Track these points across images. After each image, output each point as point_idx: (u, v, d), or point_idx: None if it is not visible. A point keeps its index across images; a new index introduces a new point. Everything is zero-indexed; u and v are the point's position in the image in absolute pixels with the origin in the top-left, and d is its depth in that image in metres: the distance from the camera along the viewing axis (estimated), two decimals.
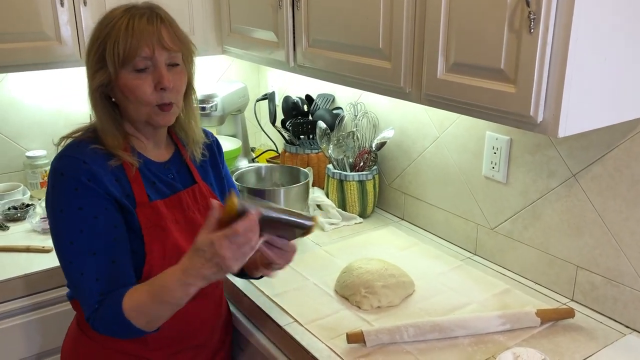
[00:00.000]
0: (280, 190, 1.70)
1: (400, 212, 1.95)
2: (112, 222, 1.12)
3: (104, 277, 1.10)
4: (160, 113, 1.15)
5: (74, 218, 1.10)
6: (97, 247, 1.10)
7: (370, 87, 1.47)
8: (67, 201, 1.11)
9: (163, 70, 1.12)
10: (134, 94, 1.13)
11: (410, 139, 1.85)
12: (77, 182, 1.10)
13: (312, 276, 1.57)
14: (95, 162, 1.13)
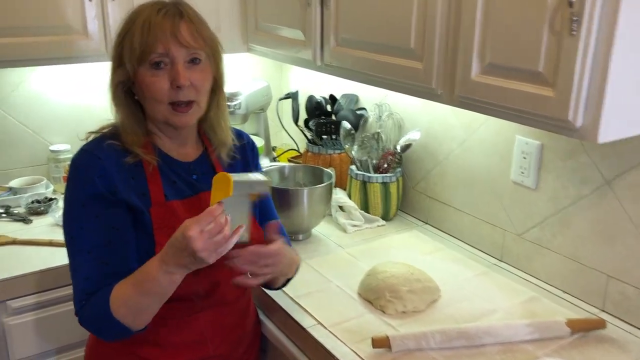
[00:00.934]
0: (303, 191, 1.68)
1: (423, 216, 1.92)
2: (112, 223, 1.11)
3: (92, 277, 1.09)
4: (176, 114, 1.13)
5: (77, 214, 1.11)
6: (92, 246, 1.10)
7: (399, 87, 1.44)
8: (74, 196, 1.12)
9: (180, 67, 1.10)
10: (150, 91, 1.11)
11: (436, 141, 1.82)
12: (86, 179, 1.10)
13: (335, 278, 1.55)
14: (111, 158, 1.12)
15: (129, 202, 1.12)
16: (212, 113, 1.23)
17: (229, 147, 1.28)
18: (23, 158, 2.07)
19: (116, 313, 1.04)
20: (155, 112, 1.14)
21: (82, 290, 1.09)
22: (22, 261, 1.62)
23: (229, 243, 0.98)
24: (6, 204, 1.91)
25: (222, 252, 0.98)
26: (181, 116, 1.14)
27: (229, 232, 0.98)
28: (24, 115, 2.04)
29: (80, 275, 1.10)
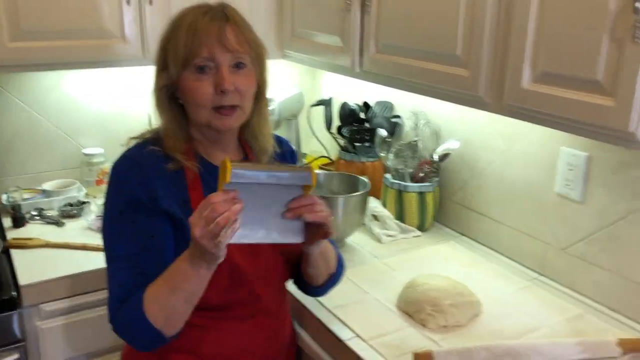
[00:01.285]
0: (338, 199, 1.65)
1: (460, 227, 1.88)
2: (150, 231, 1.09)
3: (127, 284, 1.07)
4: (219, 117, 1.11)
5: (115, 220, 1.09)
6: (129, 253, 1.08)
7: (443, 95, 1.41)
8: (113, 202, 1.10)
9: (224, 71, 1.08)
10: (193, 96, 1.09)
11: (475, 151, 1.78)
12: (125, 185, 1.09)
13: (372, 290, 1.51)
14: (152, 165, 1.11)
15: (169, 210, 1.10)
16: (255, 119, 1.21)
17: (270, 154, 1.25)
18: (56, 161, 2.07)
19: (148, 312, 1.02)
20: (199, 117, 1.12)
21: (116, 298, 1.08)
22: (55, 264, 1.61)
23: (227, 231, 0.91)
24: (39, 206, 1.91)
25: (221, 241, 0.91)
26: (224, 119, 1.11)
27: (227, 220, 0.90)
28: (58, 119, 2.04)
29: (115, 282, 1.09)
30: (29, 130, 2.00)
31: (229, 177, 0.92)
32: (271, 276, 1.21)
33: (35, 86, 1.98)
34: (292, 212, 1.00)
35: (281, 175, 0.98)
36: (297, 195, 1.01)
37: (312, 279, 1.23)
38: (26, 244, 1.70)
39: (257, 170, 0.96)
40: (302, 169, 1.00)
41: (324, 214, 1.03)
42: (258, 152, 1.24)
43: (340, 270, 1.28)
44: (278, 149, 1.28)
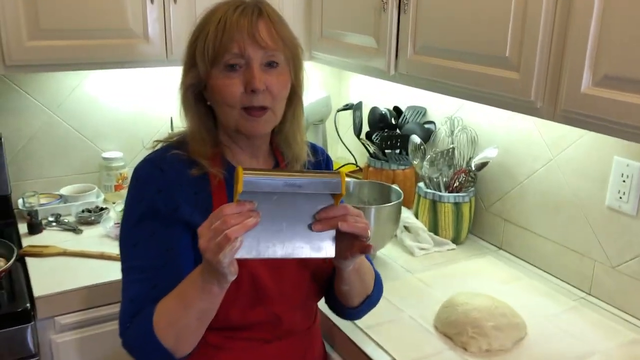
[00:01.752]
0: (370, 209, 1.55)
1: (497, 240, 1.77)
2: (168, 243, 1.00)
3: (139, 299, 0.99)
4: (248, 118, 1.01)
5: (132, 229, 1.02)
6: (144, 266, 1.00)
7: (489, 99, 1.30)
8: (131, 210, 1.03)
9: (255, 69, 0.99)
10: (221, 95, 1.00)
11: (516, 160, 1.67)
12: (145, 192, 1.01)
13: (407, 308, 1.41)
14: (174, 170, 1.02)
15: (190, 220, 1.01)
16: (288, 124, 1.12)
17: (303, 163, 1.16)
18: (74, 165, 2.00)
19: (157, 329, 0.94)
20: (227, 118, 1.03)
21: (127, 312, 1.00)
22: (73, 274, 1.53)
23: (233, 245, 0.80)
24: (56, 212, 1.85)
25: (226, 256, 0.81)
26: (253, 121, 1.02)
27: (237, 233, 0.81)
28: (77, 121, 1.97)
29: (128, 296, 1.00)
30: (47, 132, 1.94)
31: (241, 187, 0.83)
32: (297, 295, 1.11)
33: (54, 87, 1.91)
34: (322, 224, 0.89)
35: (304, 182, 0.86)
36: (326, 205, 0.90)
37: (346, 298, 1.12)
38: (42, 252, 1.62)
39: (275, 177, 0.86)
40: (330, 175, 0.88)
41: (361, 224, 0.92)
42: (291, 160, 1.15)
43: (379, 291, 1.18)
44: (312, 157, 1.18)
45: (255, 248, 0.86)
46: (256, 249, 0.86)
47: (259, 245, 0.86)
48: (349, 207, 0.91)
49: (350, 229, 0.90)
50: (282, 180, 0.85)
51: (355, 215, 0.91)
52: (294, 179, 0.86)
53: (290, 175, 0.87)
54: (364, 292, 1.13)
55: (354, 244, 0.94)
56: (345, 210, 0.90)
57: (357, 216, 0.92)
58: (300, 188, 0.86)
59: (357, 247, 0.93)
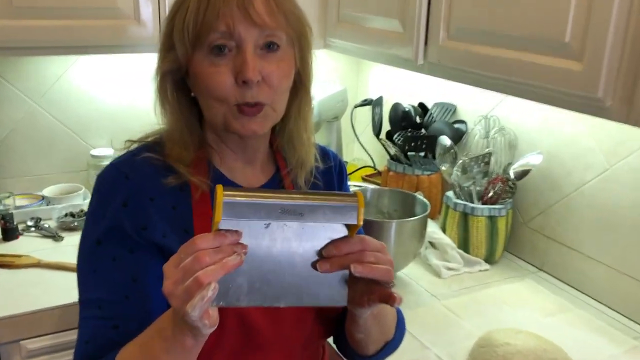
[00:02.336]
0: (391, 224, 1.32)
1: (538, 261, 1.52)
2: (133, 272, 0.79)
3: (96, 341, 0.78)
4: (239, 117, 0.79)
5: (90, 251, 0.81)
6: (102, 299, 0.78)
7: (540, 96, 1.06)
8: (92, 227, 0.81)
9: (247, 54, 0.76)
10: (206, 87, 0.78)
11: (564, 168, 1.42)
12: (107, 205, 0.80)
13: (432, 344, 1.18)
14: (145, 178, 0.81)
15: (163, 243, 0.80)
16: (292, 122, 0.89)
17: (309, 170, 0.93)
18: (60, 162, 1.79)
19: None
20: (214, 115, 0.81)
21: (81, 357, 0.79)
22: (45, 290, 1.33)
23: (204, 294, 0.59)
24: (37, 215, 1.64)
25: (195, 309, 0.59)
26: (247, 121, 0.80)
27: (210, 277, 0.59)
28: (62, 113, 1.77)
29: (83, 337, 0.80)
30: (29, 125, 1.73)
31: (220, 214, 0.61)
32: (298, 338, 0.88)
33: (36, 75, 1.71)
34: (330, 264, 0.67)
35: (308, 208, 0.64)
36: (337, 237, 0.68)
37: (361, 347, 0.89)
38: (13, 262, 1.42)
39: (268, 200, 0.63)
40: (343, 199, 0.66)
41: (383, 267, 0.69)
42: (295, 166, 0.92)
43: (401, 333, 0.94)
44: (322, 163, 0.96)
45: (239, 294, 0.64)
46: (241, 296, 0.64)
47: (245, 291, 0.64)
48: (368, 241, 0.69)
49: (367, 274, 0.67)
50: (277, 205, 0.63)
51: (376, 251, 0.69)
52: (294, 204, 0.64)
53: (289, 198, 0.64)
54: (383, 338, 0.90)
55: (373, 290, 0.71)
56: (363, 244, 0.68)
57: (378, 252, 0.69)
58: (302, 217, 0.64)
59: (378, 294, 0.71)
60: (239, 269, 0.62)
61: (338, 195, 0.67)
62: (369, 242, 0.69)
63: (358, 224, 0.66)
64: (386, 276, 0.69)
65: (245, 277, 0.64)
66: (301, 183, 0.93)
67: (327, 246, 0.67)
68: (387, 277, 0.69)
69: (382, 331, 0.88)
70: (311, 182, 0.94)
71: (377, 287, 0.70)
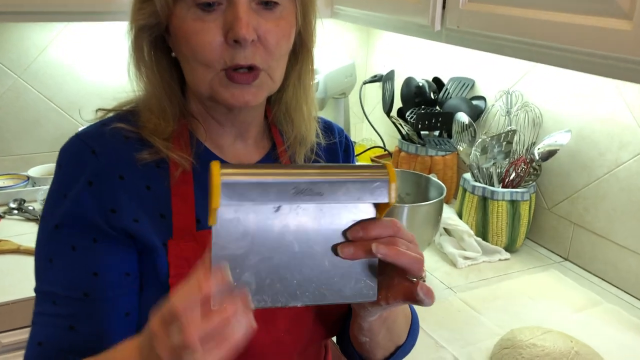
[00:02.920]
0: (403, 209, 1.19)
1: (563, 249, 1.39)
2: (94, 265, 0.67)
3: (49, 344, 0.66)
4: (228, 85, 0.66)
5: (48, 237, 0.69)
6: (58, 295, 0.68)
7: (577, 63, 0.92)
8: (50, 209, 0.69)
9: (240, 8, 0.63)
10: (190, 47, 0.65)
11: (595, 148, 1.28)
12: (69, 184, 0.67)
13: (448, 343, 1.05)
14: (114, 153, 0.69)
15: (135, 230, 0.68)
16: (290, 90, 0.77)
17: (310, 147, 0.80)
18: (46, 141, 1.68)
19: None
20: (198, 80, 0.68)
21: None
22: (23, 279, 1.21)
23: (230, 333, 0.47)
24: (20, 196, 1.53)
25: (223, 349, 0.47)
26: (238, 90, 0.67)
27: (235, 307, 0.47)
28: (49, 88, 1.64)
29: (35, 337, 0.68)
30: (13, 100, 1.61)
31: (217, 199, 0.49)
32: (293, 344, 0.76)
33: (19, 46, 1.58)
34: (355, 248, 0.55)
35: (328, 185, 0.52)
36: (363, 218, 0.55)
37: (365, 351, 0.76)
38: None
39: (278, 178, 0.51)
40: (371, 172, 0.54)
41: (413, 255, 0.56)
42: (292, 142, 0.79)
43: (414, 337, 0.81)
44: (323, 140, 0.83)
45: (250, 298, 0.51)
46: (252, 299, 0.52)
47: (253, 290, 0.53)
48: (400, 226, 0.57)
49: (393, 257, 0.55)
50: (290, 183, 0.51)
51: (407, 240, 0.57)
52: (310, 181, 0.52)
53: (304, 174, 0.52)
54: (392, 344, 0.77)
55: (396, 284, 0.59)
56: (393, 229, 0.56)
57: (409, 242, 0.57)
58: (321, 197, 0.52)
59: (402, 289, 0.58)
60: (245, 263, 0.51)
61: (363, 168, 0.55)
62: (401, 228, 0.57)
63: (390, 203, 0.54)
64: (417, 265, 0.56)
65: (253, 272, 0.52)
66: (300, 162, 0.80)
67: (353, 227, 0.55)
68: (417, 267, 0.56)
69: (391, 336, 0.75)
70: (312, 161, 0.81)
71: (402, 280, 0.58)
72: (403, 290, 0.58)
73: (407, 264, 0.55)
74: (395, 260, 0.55)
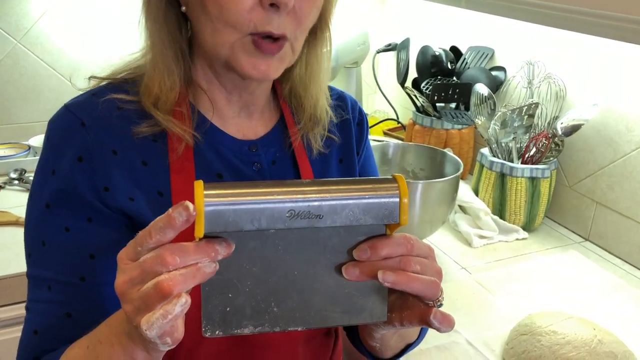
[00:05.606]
0: (417, 185, 1.13)
1: (584, 229, 1.33)
2: (90, 247, 0.62)
3: (46, 334, 0.63)
4: (253, 53, 0.60)
5: (39, 218, 0.64)
6: (53, 280, 0.63)
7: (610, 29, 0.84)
8: (39, 187, 0.64)
9: None
10: (218, 5, 0.58)
11: (622, 123, 1.21)
12: (58, 159, 0.62)
13: (463, 327, 1.00)
14: (108, 126, 0.63)
15: (129, 209, 0.62)
16: (304, 65, 0.71)
17: (323, 126, 0.74)
18: (47, 109, 1.62)
19: None
20: (217, 44, 0.61)
21: (28, 351, 0.64)
22: (20, 252, 1.15)
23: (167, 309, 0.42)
24: (21, 166, 1.49)
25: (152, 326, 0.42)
26: (261, 60, 0.60)
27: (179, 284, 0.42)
28: (50, 54, 1.58)
29: (31, 324, 0.64)
30: (12, 67, 1.56)
31: (201, 228, 0.43)
32: (302, 336, 0.72)
33: (17, 9, 1.52)
34: (359, 270, 0.49)
35: (328, 207, 0.46)
36: (370, 234, 0.49)
37: (375, 351, 0.71)
38: None
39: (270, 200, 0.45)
40: (378, 188, 0.48)
41: (427, 279, 0.50)
42: (307, 122, 0.73)
43: (424, 333, 0.76)
44: (335, 117, 0.76)
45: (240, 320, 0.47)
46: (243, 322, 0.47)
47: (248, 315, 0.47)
48: (413, 243, 0.50)
49: (404, 285, 0.49)
50: (284, 207, 0.45)
51: (422, 257, 0.51)
52: (307, 203, 0.45)
53: (300, 192, 0.46)
54: (404, 344, 0.72)
55: (411, 306, 0.53)
56: (406, 247, 0.50)
57: (425, 258, 0.51)
58: (321, 220, 0.46)
59: (416, 313, 0.53)
60: (238, 288, 0.46)
61: (370, 182, 0.48)
62: (414, 245, 0.50)
63: (400, 222, 0.48)
64: (431, 290, 0.50)
65: (247, 297, 0.47)
66: (313, 141, 0.74)
67: (360, 246, 0.49)
68: (431, 292, 0.50)
69: (402, 340, 0.70)
70: (325, 138, 0.75)
71: (416, 303, 0.53)
72: (419, 313, 0.52)
73: (419, 291, 0.50)
74: (405, 288, 0.49)
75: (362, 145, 0.82)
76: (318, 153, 0.74)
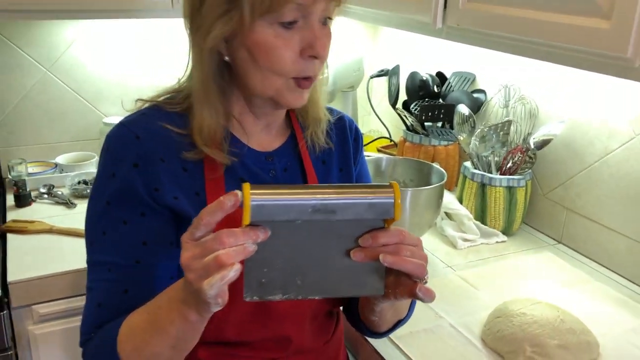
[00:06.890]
0: (406, 192, 1.29)
1: (556, 233, 1.49)
2: (144, 235, 0.78)
3: (109, 307, 0.77)
4: (295, 90, 0.77)
5: (100, 214, 0.79)
6: (113, 264, 0.78)
7: (565, 58, 1.01)
8: (100, 188, 0.79)
9: (316, 28, 0.74)
10: (269, 58, 0.74)
11: (586, 137, 1.37)
12: (117, 165, 0.77)
13: (446, 313, 1.15)
14: (155, 140, 0.78)
15: (174, 206, 0.78)
16: (313, 89, 0.87)
17: (324, 125, 0.91)
18: (73, 131, 1.79)
19: (122, 353, 0.72)
20: (266, 87, 0.77)
21: (90, 320, 0.78)
22: (57, 256, 1.32)
23: (224, 274, 0.57)
24: (50, 182, 1.64)
25: (213, 287, 0.58)
26: (300, 94, 0.79)
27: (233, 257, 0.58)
28: (75, 81, 1.75)
29: (94, 299, 0.79)
30: (41, 93, 1.72)
31: (248, 217, 0.60)
32: (306, 309, 0.87)
33: (48, 41, 1.69)
34: (364, 253, 0.65)
35: (340, 205, 0.62)
36: (372, 227, 0.66)
37: (373, 326, 0.89)
38: (26, 227, 1.42)
39: (298, 198, 0.61)
40: (378, 192, 0.64)
41: (416, 261, 0.66)
42: (311, 125, 0.90)
43: (411, 311, 0.93)
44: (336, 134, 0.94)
45: (273, 288, 0.63)
46: (275, 290, 0.63)
47: (279, 284, 0.63)
48: (406, 234, 0.67)
49: (398, 265, 0.65)
50: (308, 204, 0.61)
51: (412, 245, 0.67)
52: (325, 202, 0.62)
53: (320, 193, 0.62)
54: (396, 319, 0.89)
55: (402, 283, 0.69)
56: (400, 237, 0.66)
57: (414, 246, 0.67)
58: (335, 214, 0.62)
59: (408, 288, 0.68)
60: (272, 264, 0.62)
61: (372, 188, 0.65)
62: (406, 236, 0.67)
63: (395, 217, 0.64)
64: (419, 270, 0.66)
65: (278, 271, 0.63)
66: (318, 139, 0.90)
67: (364, 235, 0.65)
68: (419, 272, 0.66)
69: (396, 314, 0.87)
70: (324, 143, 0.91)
71: (407, 281, 0.68)
72: (409, 289, 0.68)
73: (410, 270, 0.66)
74: (399, 267, 0.65)
75: (357, 157, 0.98)
76: (320, 155, 0.91)
